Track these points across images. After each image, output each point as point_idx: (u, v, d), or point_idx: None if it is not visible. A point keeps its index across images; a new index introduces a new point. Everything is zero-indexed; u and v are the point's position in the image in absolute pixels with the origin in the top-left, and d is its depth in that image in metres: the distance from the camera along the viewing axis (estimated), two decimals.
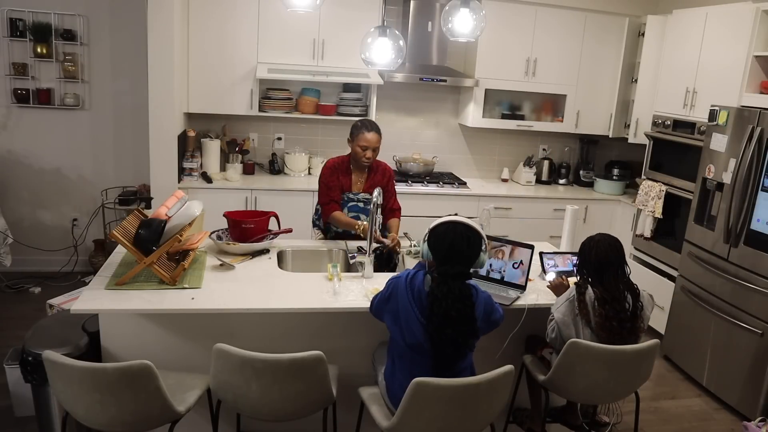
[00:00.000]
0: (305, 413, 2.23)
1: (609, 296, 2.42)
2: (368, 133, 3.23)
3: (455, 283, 2.12)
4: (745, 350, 3.41)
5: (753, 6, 3.71)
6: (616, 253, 2.47)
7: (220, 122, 4.78)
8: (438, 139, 5.29)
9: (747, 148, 3.45)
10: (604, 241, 2.49)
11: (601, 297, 2.42)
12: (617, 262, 2.47)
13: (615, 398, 2.63)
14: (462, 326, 2.09)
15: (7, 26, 4.38)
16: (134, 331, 2.49)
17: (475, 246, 2.19)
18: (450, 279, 2.12)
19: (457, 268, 2.15)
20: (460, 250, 2.16)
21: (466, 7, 2.83)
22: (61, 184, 4.77)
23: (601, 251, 2.46)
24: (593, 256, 2.47)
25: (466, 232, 2.18)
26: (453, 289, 2.10)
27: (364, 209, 3.32)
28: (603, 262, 2.45)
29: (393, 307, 2.20)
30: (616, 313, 2.41)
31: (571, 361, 2.38)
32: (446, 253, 2.16)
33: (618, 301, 2.43)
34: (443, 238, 2.17)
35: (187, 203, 2.77)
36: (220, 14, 4.34)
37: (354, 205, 3.33)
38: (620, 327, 2.41)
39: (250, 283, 2.62)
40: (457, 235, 2.16)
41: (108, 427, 2.05)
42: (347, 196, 3.33)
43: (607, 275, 2.45)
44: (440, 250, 2.17)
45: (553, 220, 4.92)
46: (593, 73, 5.08)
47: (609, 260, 2.45)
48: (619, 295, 2.44)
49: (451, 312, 2.07)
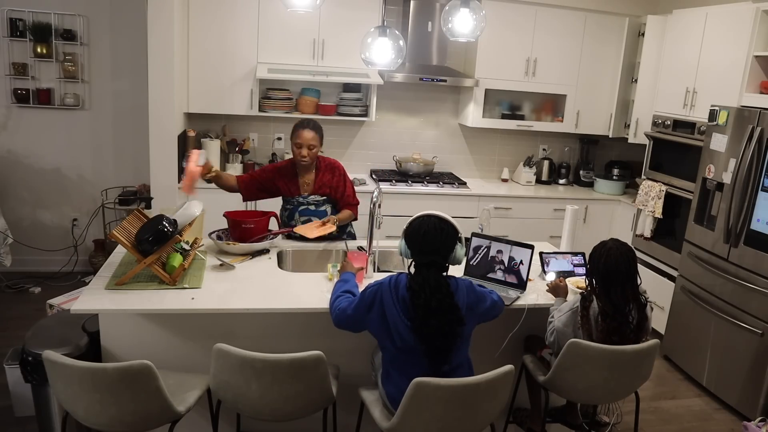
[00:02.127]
0: (305, 413, 2.23)
1: (612, 309, 2.34)
2: (303, 131, 3.12)
3: (429, 272, 2.15)
4: (745, 350, 3.41)
5: (753, 6, 3.71)
6: (626, 264, 2.36)
7: (220, 122, 4.78)
8: (438, 139, 5.29)
9: (747, 148, 3.45)
10: (615, 250, 2.37)
11: (604, 310, 2.35)
12: (627, 274, 2.36)
13: (615, 398, 2.62)
14: (444, 315, 2.11)
15: (7, 26, 4.38)
16: (134, 331, 2.49)
17: (450, 238, 2.22)
18: (424, 269, 2.16)
19: (431, 257, 2.18)
20: (433, 241, 2.19)
21: (466, 7, 2.83)
22: (61, 184, 4.77)
23: (611, 260, 2.35)
24: (602, 264, 2.37)
25: (440, 224, 2.22)
26: (428, 279, 2.13)
27: (315, 212, 3.25)
28: (612, 272, 2.35)
29: (378, 314, 2.18)
30: (618, 327, 2.35)
31: (571, 361, 2.37)
32: (421, 245, 2.20)
33: (622, 314, 2.35)
34: (417, 229, 2.22)
35: (187, 203, 2.78)
36: (220, 14, 4.34)
37: (305, 209, 3.25)
38: (621, 341, 2.34)
39: (250, 283, 2.62)
40: (431, 227, 2.20)
41: (108, 427, 2.05)
42: (296, 200, 3.25)
43: (615, 286, 2.36)
44: (415, 243, 2.22)
45: (553, 220, 4.92)
46: (593, 73, 5.08)
47: (618, 270, 2.35)
48: (623, 308, 2.36)
49: (431, 303, 2.09)
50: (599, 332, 2.37)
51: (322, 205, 3.27)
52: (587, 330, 2.39)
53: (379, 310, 2.18)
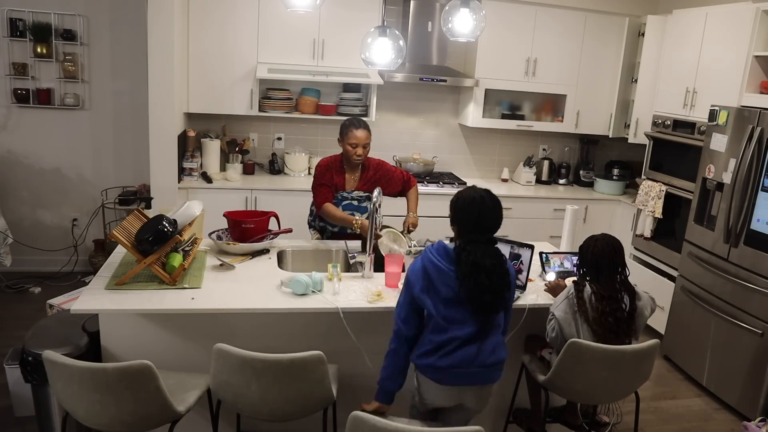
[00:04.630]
0: (305, 413, 2.23)
1: (606, 293, 2.45)
2: (357, 131, 3.21)
3: (487, 246, 2.19)
4: (745, 350, 3.41)
5: (753, 6, 3.71)
6: (612, 253, 2.49)
7: (220, 122, 4.78)
8: (438, 139, 5.29)
9: (747, 148, 3.45)
10: (602, 241, 2.52)
11: (598, 293, 2.46)
12: (614, 261, 2.49)
13: (615, 398, 2.63)
14: (495, 275, 2.13)
15: (7, 26, 4.38)
16: (134, 331, 2.49)
17: (500, 212, 2.25)
18: (482, 245, 2.18)
19: (487, 235, 2.21)
20: (490, 218, 2.21)
21: (466, 7, 2.83)
22: (61, 184, 4.77)
23: (598, 249, 2.49)
24: (590, 254, 2.51)
25: (491, 201, 2.23)
26: (487, 250, 2.17)
27: (358, 207, 3.34)
28: (599, 260, 2.49)
29: (426, 281, 2.17)
30: (612, 310, 2.44)
31: (571, 361, 2.39)
32: (475, 224, 2.20)
33: (615, 299, 2.46)
34: (470, 208, 2.20)
35: (187, 203, 2.78)
36: (220, 14, 4.34)
37: (348, 203, 3.33)
38: (616, 324, 2.44)
39: (250, 283, 2.62)
40: (486, 206, 2.20)
41: (108, 427, 2.05)
42: (341, 195, 3.33)
43: (603, 273, 2.48)
44: (468, 221, 2.21)
45: (553, 220, 4.92)
46: (593, 73, 5.08)
47: (605, 258, 2.48)
48: (615, 294, 2.46)
49: (484, 261, 2.12)
50: (595, 312, 2.44)
51: (365, 201, 3.37)
52: (584, 313, 2.45)
53: (426, 279, 2.17)
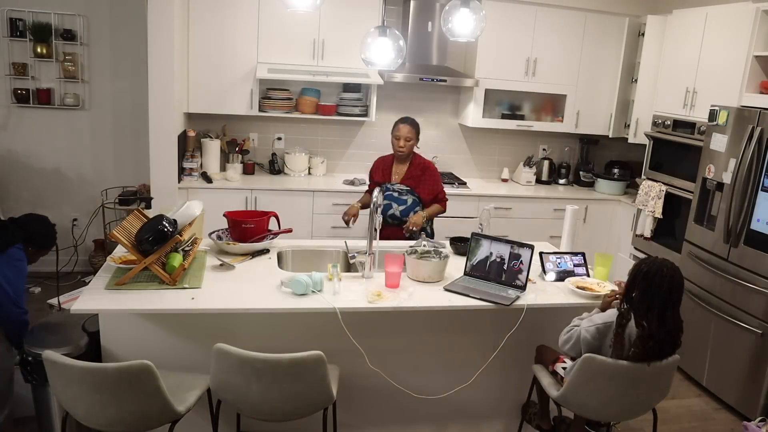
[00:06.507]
0: (305, 413, 2.23)
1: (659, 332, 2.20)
2: (401, 124, 3.60)
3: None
4: (745, 350, 3.41)
5: (753, 6, 3.71)
6: (674, 288, 2.24)
7: (220, 122, 4.78)
8: (438, 139, 5.29)
9: (747, 148, 3.45)
10: (677, 275, 2.23)
11: (647, 334, 2.19)
12: (671, 298, 2.24)
13: (631, 415, 2.53)
14: None
15: (7, 26, 4.39)
16: (134, 331, 2.49)
17: None
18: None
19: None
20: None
21: (466, 7, 2.83)
22: (61, 184, 4.77)
23: (675, 284, 2.21)
24: (665, 288, 2.20)
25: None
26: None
27: (397, 199, 3.58)
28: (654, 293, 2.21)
29: None
30: (656, 353, 2.23)
31: (587, 378, 2.29)
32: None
33: (658, 340, 2.21)
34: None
35: (188, 203, 2.78)
36: (220, 14, 4.34)
37: (389, 194, 3.60)
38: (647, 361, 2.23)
39: (250, 283, 2.62)
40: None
41: (108, 427, 2.05)
42: (386, 185, 3.62)
43: (654, 309, 2.21)
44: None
45: (553, 220, 4.92)
46: (593, 73, 5.08)
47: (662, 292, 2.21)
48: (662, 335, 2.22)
49: None
50: (632, 357, 2.23)
51: (405, 194, 3.59)
52: (618, 350, 2.26)
53: None
